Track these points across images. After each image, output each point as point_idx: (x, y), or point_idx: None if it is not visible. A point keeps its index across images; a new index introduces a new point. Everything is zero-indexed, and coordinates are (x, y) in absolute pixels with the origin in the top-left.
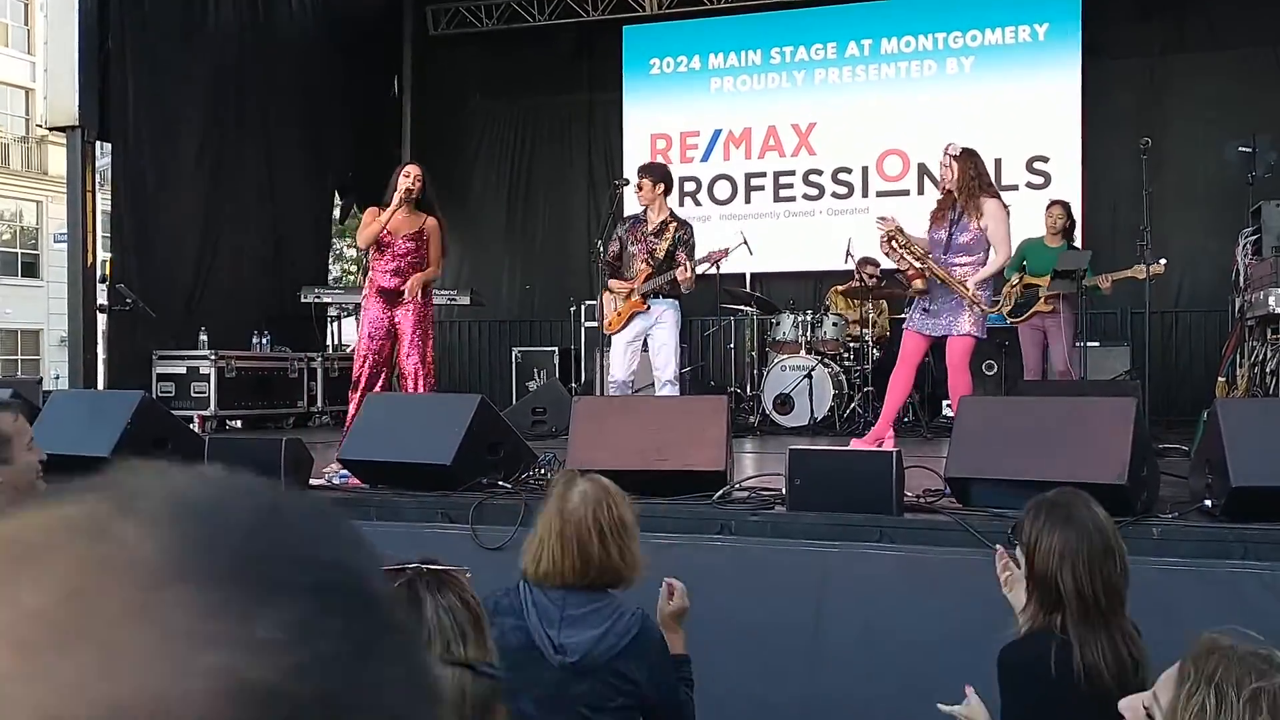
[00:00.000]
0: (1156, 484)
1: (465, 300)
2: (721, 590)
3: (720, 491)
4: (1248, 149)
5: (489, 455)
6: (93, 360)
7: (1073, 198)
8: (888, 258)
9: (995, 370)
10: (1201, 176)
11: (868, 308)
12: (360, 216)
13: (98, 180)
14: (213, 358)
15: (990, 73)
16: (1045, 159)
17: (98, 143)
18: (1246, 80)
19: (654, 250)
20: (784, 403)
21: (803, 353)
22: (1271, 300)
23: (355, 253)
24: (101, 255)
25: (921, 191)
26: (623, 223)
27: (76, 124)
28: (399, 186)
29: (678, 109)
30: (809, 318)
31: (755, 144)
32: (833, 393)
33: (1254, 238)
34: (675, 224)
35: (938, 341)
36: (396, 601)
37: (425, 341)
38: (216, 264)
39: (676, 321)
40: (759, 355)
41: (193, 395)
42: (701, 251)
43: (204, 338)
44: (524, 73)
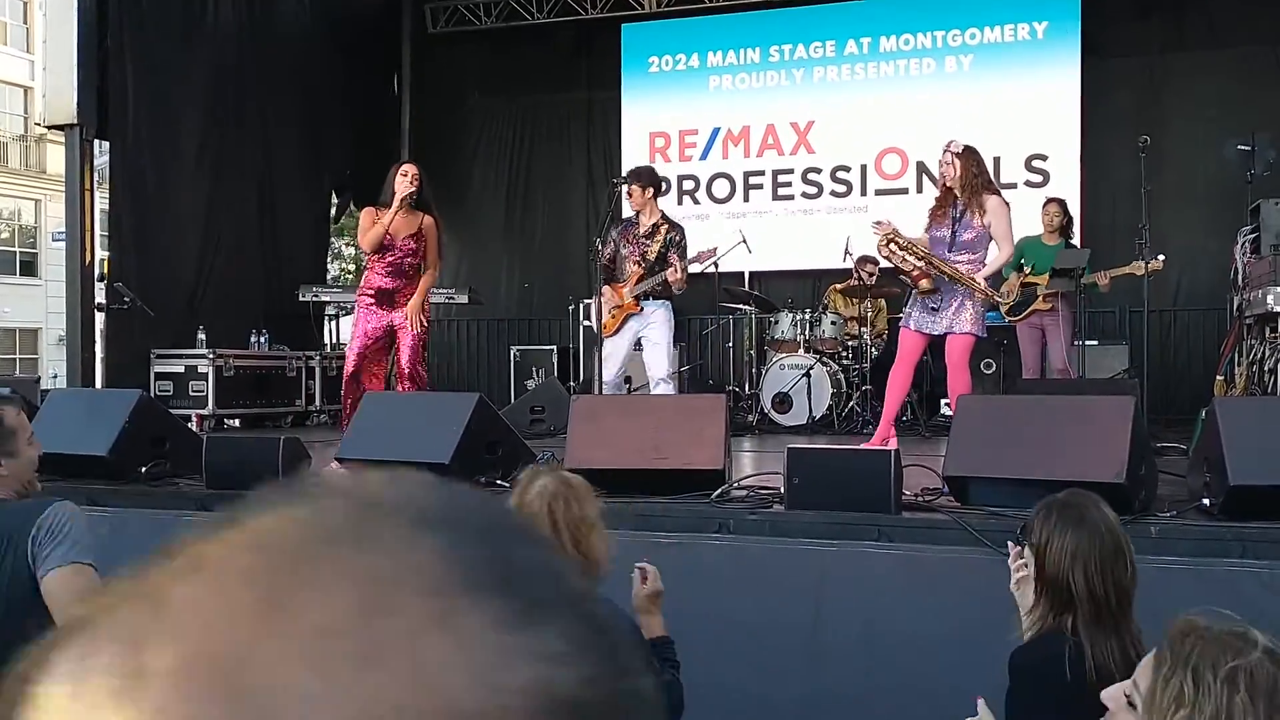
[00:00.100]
0: (1155, 483)
1: (464, 299)
2: (720, 589)
3: (719, 490)
4: (1246, 147)
5: (487, 454)
6: (91, 359)
7: (1072, 196)
8: (889, 261)
9: (993, 369)
10: (1200, 175)
11: (866, 306)
12: (356, 215)
13: (96, 179)
14: (211, 356)
15: (989, 71)
16: (1044, 157)
17: (96, 141)
18: (1246, 79)
19: (646, 253)
20: (782, 401)
21: (801, 351)
22: (1270, 299)
23: (353, 251)
24: (100, 254)
25: (920, 190)
26: (616, 226)
27: (75, 122)
28: (398, 188)
29: (676, 107)
30: (807, 316)
31: (754, 142)
32: (831, 391)
33: (1252, 236)
34: (667, 226)
35: (936, 340)
36: None
37: (421, 342)
38: (215, 263)
39: (668, 321)
40: (757, 354)
41: (191, 394)
42: (691, 251)
43: (202, 336)
44: (522, 71)
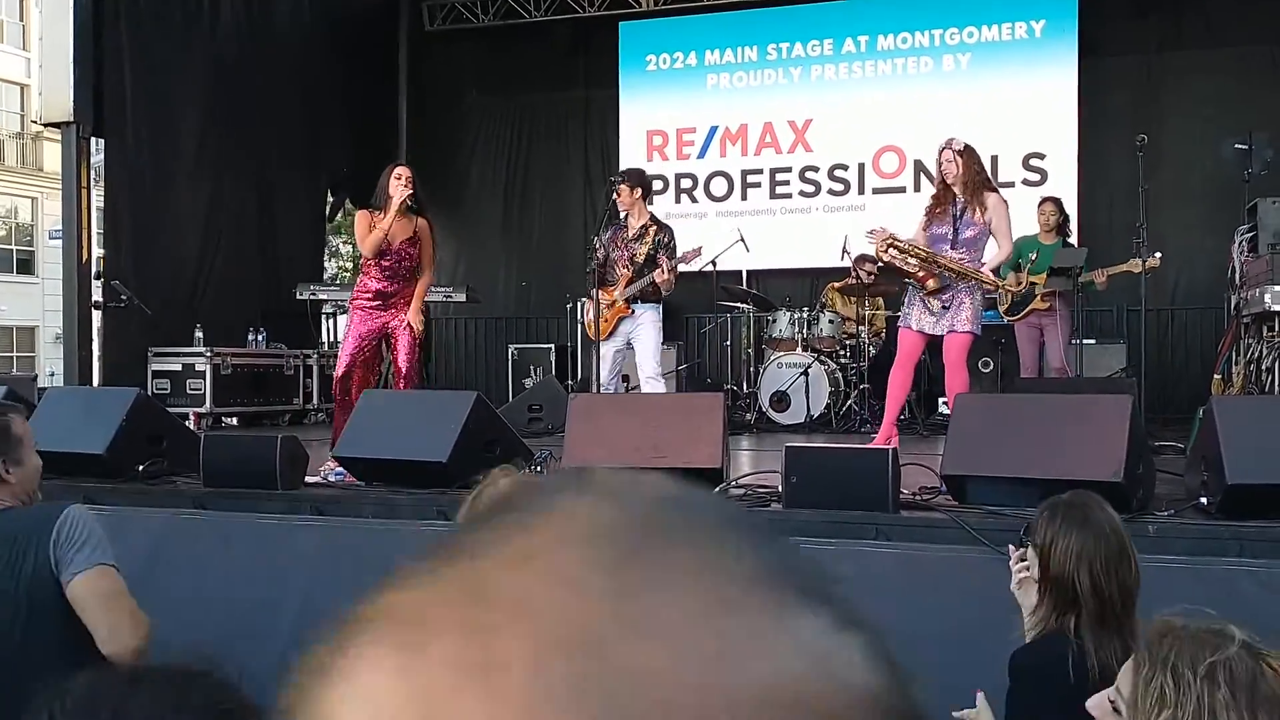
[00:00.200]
0: (1152, 482)
1: (462, 297)
2: None
3: (717, 489)
4: (1244, 146)
5: (485, 452)
6: (88, 357)
7: (1069, 195)
8: (892, 264)
9: (991, 368)
10: (1198, 174)
11: (864, 305)
12: (352, 213)
13: (93, 176)
14: (208, 355)
15: (987, 69)
16: (1042, 156)
17: (93, 139)
18: (1243, 78)
19: (634, 255)
20: (780, 400)
21: (799, 350)
22: (1267, 297)
23: (351, 249)
24: (96, 252)
25: (918, 189)
26: (605, 230)
27: (71, 120)
28: (394, 192)
29: (674, 105)
30: (805, 315)
31: (751, 141)
32: (829, 390)
33: (1250, 235)
34: (655, 228)
35: (934, 338)
36: None
37: (417, 341)
38: (212, 261)
39: (655, 323)
40: (755, 352)
41: (188, 392)
42: (679, 250)
43: (199, 334)
44: (520, 69)
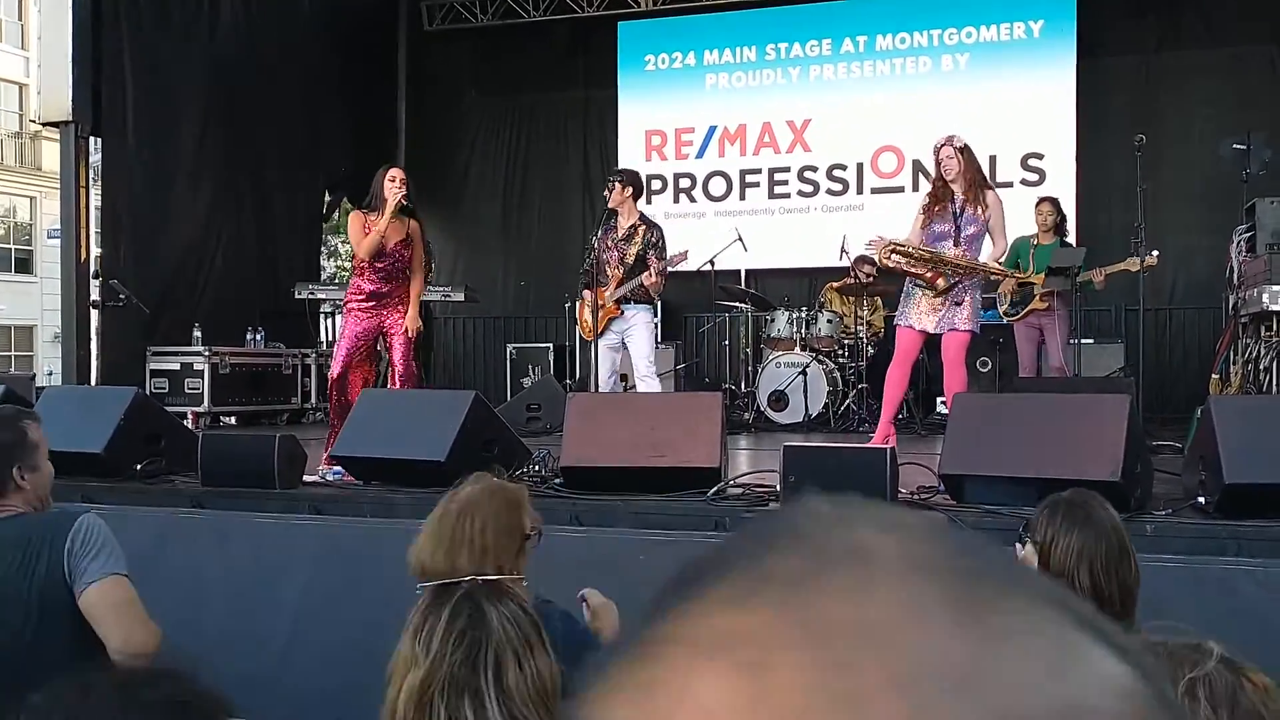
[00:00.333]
0: (1150, 481)
1: (460, 297)
2: None
3: (715, 488)
4: (1242, 146)
5: (484, 452)
6: (86, 356)
7: (1067, 195)
8: (898, 270)
9: (989, 367)
10: (1196, 174)
11: (862, 305)
12: (349, 213)
13: (91, 176)
14: (206, 354)
15: (985, 69)
16: (1040, 156)
17: (91, 138)
18: (1242, 78)
19: (624, 255)
20: (778, 399)
21: (797, 349)
22: (1265, 297)
23: (349, 249)
24: (95, 251)
25: (916, 188)
26: (596, 231)
27: (70, 119)
28: (388, 194)
29: (673, 105)
30: (804, 314)
31: (750, 140)
32: (827, 389)
33: (1248, 235)
34: (644, 227)
35: (932, 337)
36: None
37: (413, 340)
38: (211, 260)
39: (648, 324)
40: (754, 352)
41: (186, 391)
42: (670, 250)
43: (198, 334)
44: (519, 69)
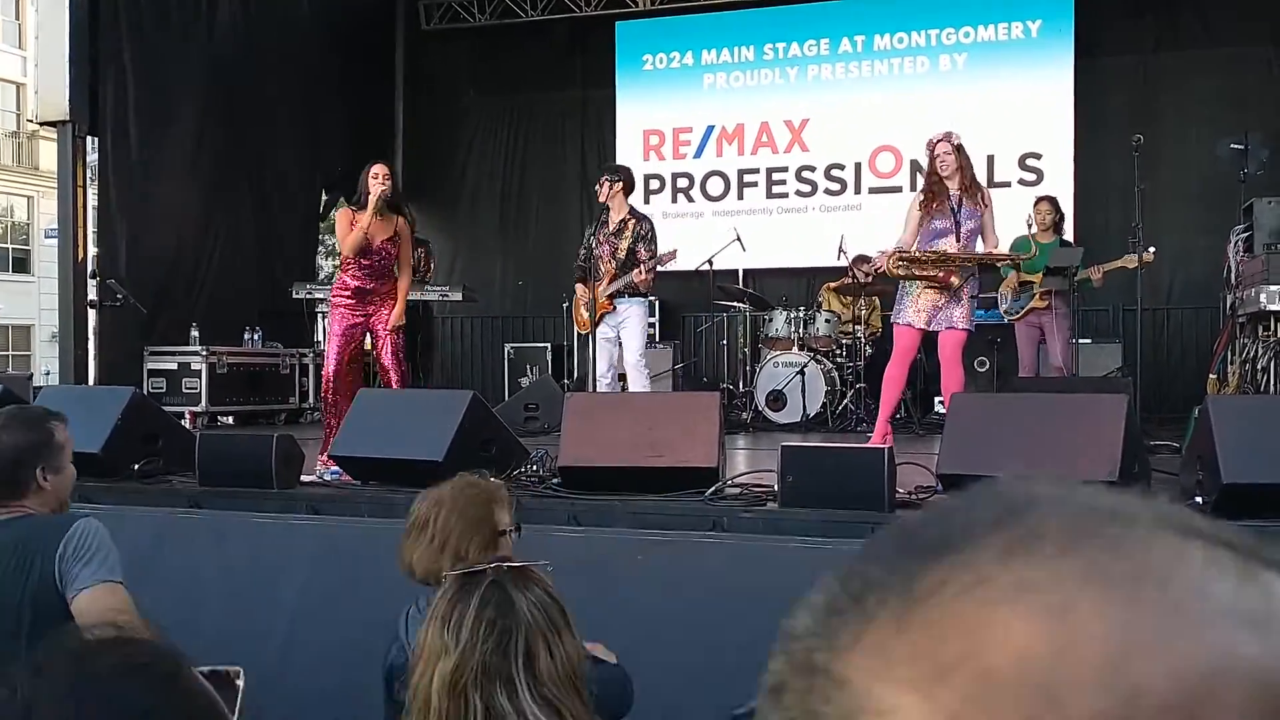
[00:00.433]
0: (1148, 481)
1: (458, 296)
2: (713, 587)
3: (712, 488)
4: (1240, 146)
5: (481, 451)
6: (83, 356)
7: (1065, 195)
8: (907, 276)
9: (987, 366)
10: (1194, 174)
11: (860, 304)
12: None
13: (89, 175)
14: (204, 354)
15: (983, 69)
16: (1038, 155)
17: (89, 138)
18: (1239, 78)
19: (616, 250)
20: (776, 399)
21: (795, 349)
22: (1263, 297)
23: None
24: (92, 250)
25: (914, 188)
26: (592, 228)
27: (67, 119)
28: (373, 191)
29: (670, 105)
30: (801, 314)
31: (748, 140)
32: (825, 389)
33: (1245, 235)
34: (634, 220)
35: (929, 336)
36: None
37: (400, 337)
38: (208, 259)
39: (641, 317)
40: (751, 351)
41: (184, 391)
42: (664, 247)
43: (195, 334)
44: (517, 68)
